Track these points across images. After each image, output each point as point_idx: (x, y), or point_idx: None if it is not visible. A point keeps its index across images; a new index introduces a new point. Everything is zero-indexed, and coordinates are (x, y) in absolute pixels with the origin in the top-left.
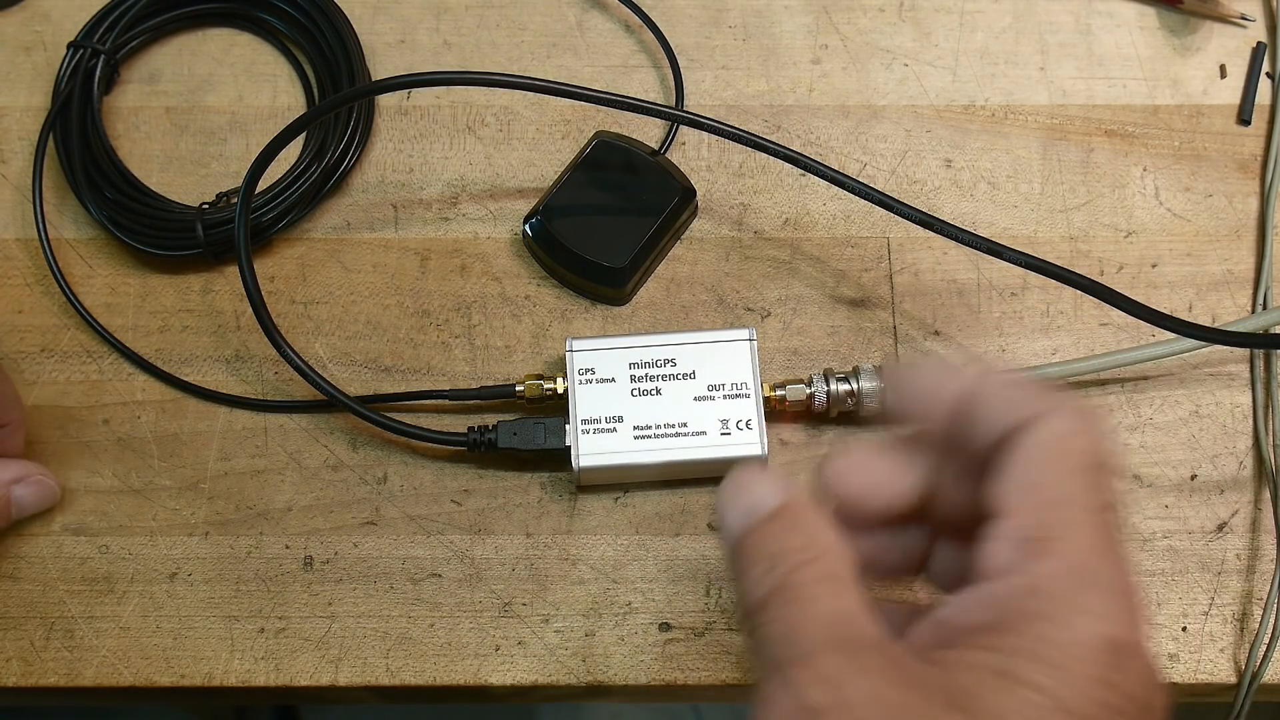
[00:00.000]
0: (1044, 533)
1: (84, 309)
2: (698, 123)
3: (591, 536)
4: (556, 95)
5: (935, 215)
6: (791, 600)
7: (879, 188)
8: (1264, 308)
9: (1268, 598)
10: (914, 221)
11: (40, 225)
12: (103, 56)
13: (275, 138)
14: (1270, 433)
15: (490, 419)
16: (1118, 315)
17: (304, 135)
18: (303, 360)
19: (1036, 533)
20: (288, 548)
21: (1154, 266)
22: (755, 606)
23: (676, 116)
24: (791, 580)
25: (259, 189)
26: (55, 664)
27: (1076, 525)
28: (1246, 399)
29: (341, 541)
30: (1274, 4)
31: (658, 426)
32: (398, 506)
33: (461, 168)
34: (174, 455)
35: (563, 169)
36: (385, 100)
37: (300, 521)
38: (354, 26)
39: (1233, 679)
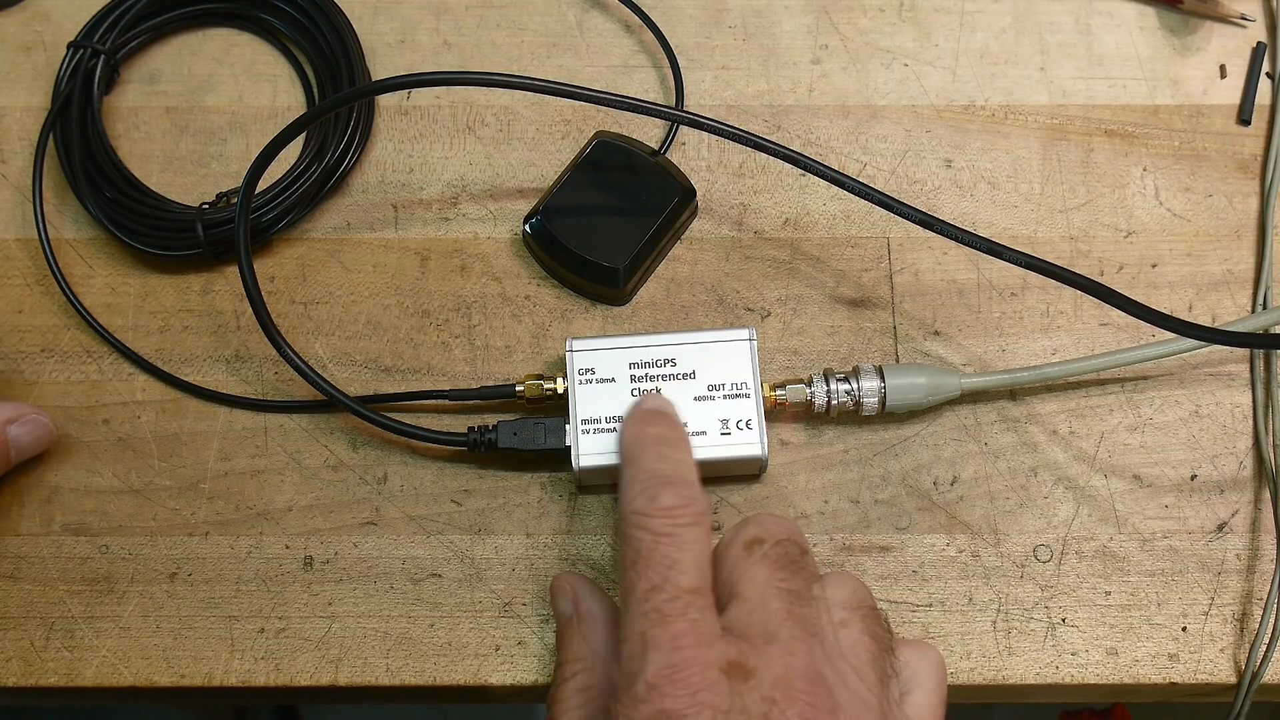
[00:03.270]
0: None
1: (84, 309)
2: (698, 123)
3: (591, 536)
4: (556, 95)
5: (935, 215)
6: (553, 703)
7: (879, 188)
8: (1264, 308)
9: (1268, 598)
10: (914, 221)
11: (40, 225)
12: (103, 56)
13: (275, 138)
14: (1270, 433)
15: (490, 419)
16: (1118, 315)
17: (304, 135)
18: (302, 360)
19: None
20: (288, 548)
21: (1154, 266)
22: None
23: (676, 117)
24: (557, 689)
25: (259, 189)
26: (55, 664)
27: None
28: (1246, 399)
29: (341, 541)
30: (1274, 4)
31: None
32: (398, 506)
33: (461, 168)
34: (174, 455)
35: (563, 169)
36: (385, 100)
37: (300, 521)
38: (354, 26)
39: (1233, 679)
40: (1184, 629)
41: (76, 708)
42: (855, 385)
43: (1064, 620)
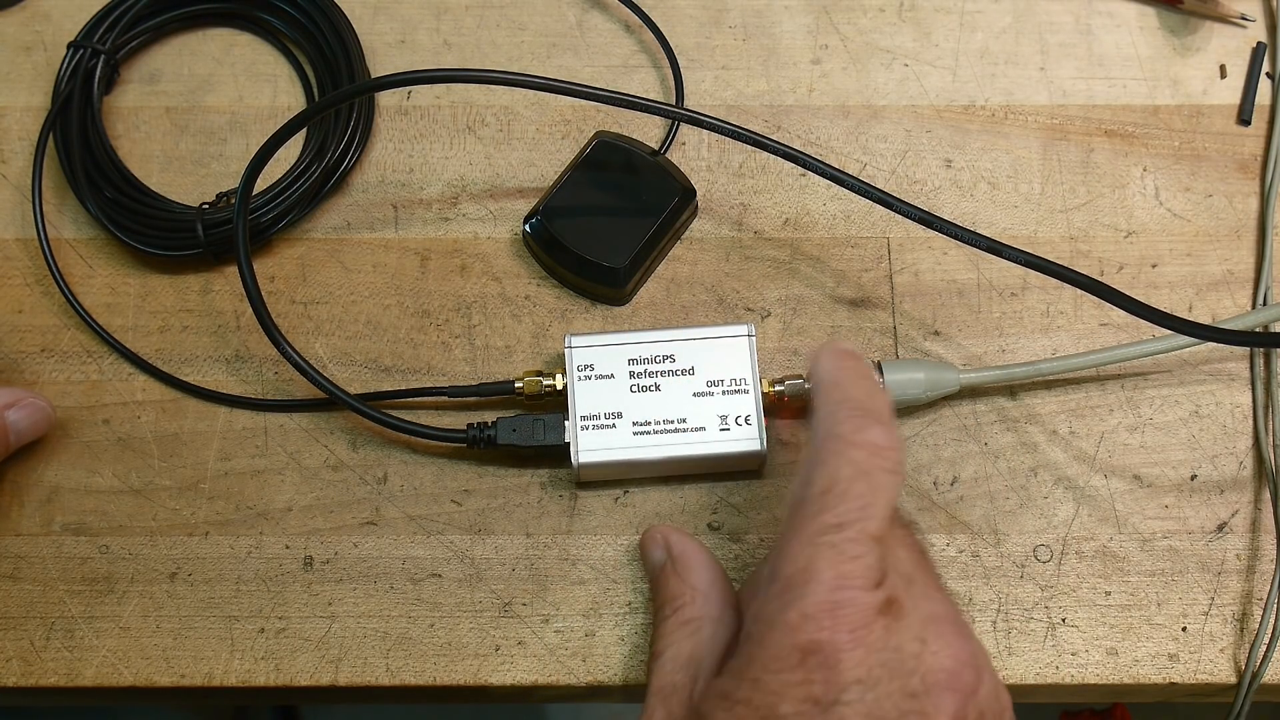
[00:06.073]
0: None
1: (84, 309)
2: (698, 120)
3: (591, 536)
4: (556, 93)
5: (935, 214)
6: (656, 640)
7: (879, 188)
8: (1264, 307)
9: (1268, 598)
10: (914, 219)
11: (40, 225)
12: (103, 56)
13: (274, 134)
14: (1270, 433)
15: (490, 416)
16: (1118, 315)
17: (304, 135)
18: (300, 356)
19: None
20: (288, 548)
21: (1154, 266)
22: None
23: (676, 114)
24: (660, 628)
25: (260, 189)
26: (55, 664)
27: None
28: (1246, 399)
29: (341, 541)
30: (1274, 4)
31: (657, 422)
32: (398, 506)
33: (461, 168)
34: (174, 455)
35: (563, 169)
36: (385, 100)
37: (300, 521)
38: (354, 26)
39: (1233, 679)
40: (1184, 629)
41: (76, 708)
42: None
43: (1064, 620)
